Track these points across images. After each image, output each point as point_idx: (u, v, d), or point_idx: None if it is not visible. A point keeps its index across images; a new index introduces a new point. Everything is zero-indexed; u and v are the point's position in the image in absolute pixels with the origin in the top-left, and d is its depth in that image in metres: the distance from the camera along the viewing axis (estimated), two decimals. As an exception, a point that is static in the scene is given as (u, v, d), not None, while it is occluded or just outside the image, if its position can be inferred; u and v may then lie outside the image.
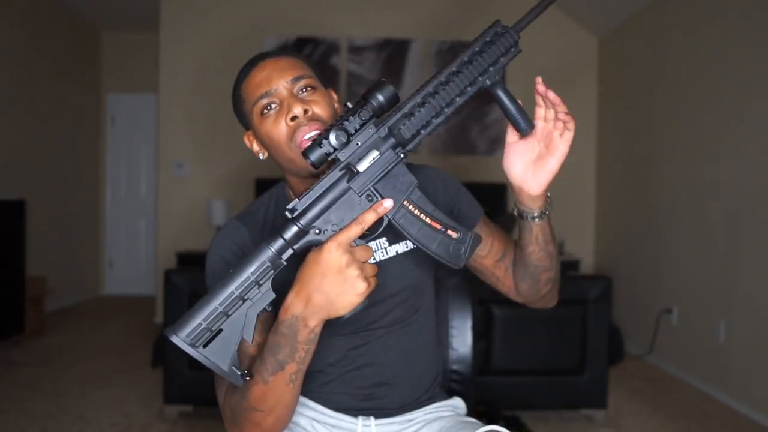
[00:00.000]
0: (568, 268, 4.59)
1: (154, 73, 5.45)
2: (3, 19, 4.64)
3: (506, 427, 1.01)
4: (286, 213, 0.82)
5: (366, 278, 0.81)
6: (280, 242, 0.81)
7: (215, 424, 2.78)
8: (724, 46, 3.40)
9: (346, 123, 0.82)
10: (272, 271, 0.81)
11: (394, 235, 1.04)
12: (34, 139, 5.04)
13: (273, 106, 0.98)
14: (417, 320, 1.11)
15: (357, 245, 0.82)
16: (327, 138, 0.81)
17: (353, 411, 1.09)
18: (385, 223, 0.85)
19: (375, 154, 0.83)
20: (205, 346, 0.79)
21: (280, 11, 5.02)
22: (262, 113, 0.99)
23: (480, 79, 0.84)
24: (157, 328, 4.47)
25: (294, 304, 0.82)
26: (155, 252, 5.55)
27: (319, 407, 1.09)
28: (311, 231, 0.82)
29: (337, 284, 0.80)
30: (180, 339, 0.78)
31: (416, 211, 0.85)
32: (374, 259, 1.05)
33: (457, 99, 0.84)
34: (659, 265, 4.05)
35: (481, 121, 4.99)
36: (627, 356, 3.93)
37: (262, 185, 4.74)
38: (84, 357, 3.91)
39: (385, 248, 1.06)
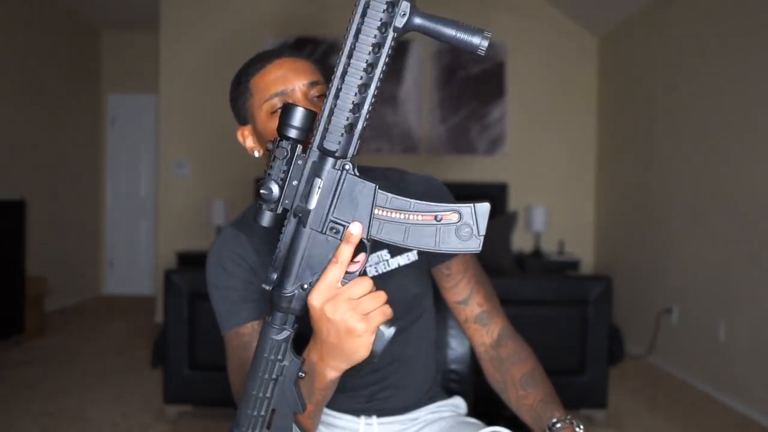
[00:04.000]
0: (568, 268, 4.59)
1: (154, 73, 5.46)
2: (2, 19, 4.64)
3: (507, 427, 1.02)
4: (264, 286, 0.75)
5: (367, 315, 0.72)
6: (278, 316, 0.74)
7: (215, 424, 2.78)
8: (724, 46, 3.40)
9: (271, 172, 0.71)
10: (285, 344, 0.75)
11: (395, 247, 0.99)
12: (34, 139, 5.04)
13: None
14: (418, 328, 1.11)
15: (347, 281, 0.72)
16: (261, 197, 0.71)
17: (356, 411, 1.10)
18: (369, 245, 0.73)
19: (318, 182, 0.71)
20: (268, 427, 0.78)
21: (280, 11, 5.02)
22: (273, 111, 0.98)
23: (379, 36, 0.65)
24: (157, 328, 4.46)
25: (311, 353, 0.79)
26: (155, 252, 5.55)
27: None
28: (299, 290, 0.73)
29: (339, 337, 0.73)
30: None
31: (394, 215, 0.71)
32: (376, 270, 1.04)
33: (370, 75, 0.67)
34: (659, 265, 4.05)
35: (481, 121, 4.99)
36: (627, 356, 3.93)
37: (262, 185, 4.74)
38: (84, 357, 3.91)
39: (387, 260, 1.05)
